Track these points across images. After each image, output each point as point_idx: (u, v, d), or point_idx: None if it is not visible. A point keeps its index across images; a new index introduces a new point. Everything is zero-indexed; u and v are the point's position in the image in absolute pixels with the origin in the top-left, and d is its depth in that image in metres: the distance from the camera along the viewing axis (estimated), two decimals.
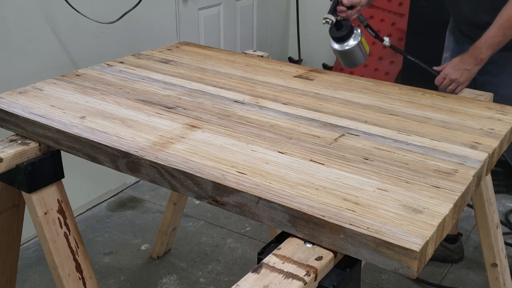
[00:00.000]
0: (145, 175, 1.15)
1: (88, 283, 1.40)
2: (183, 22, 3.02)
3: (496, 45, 1.81)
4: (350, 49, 1.71)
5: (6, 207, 1.47)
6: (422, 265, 0.88)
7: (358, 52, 1.73)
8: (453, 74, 1.86)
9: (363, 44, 1.72)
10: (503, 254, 1.73)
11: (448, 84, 1.89)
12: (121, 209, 2.76)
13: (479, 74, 2.02)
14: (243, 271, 2.22)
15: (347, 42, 1.70)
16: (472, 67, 1.84)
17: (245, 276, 0.88)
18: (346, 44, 1.71)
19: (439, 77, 1.91)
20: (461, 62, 1.86)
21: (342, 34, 1.69)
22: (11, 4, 2.16)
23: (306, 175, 1.07)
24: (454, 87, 1.88)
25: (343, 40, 1.71)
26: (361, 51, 1.74)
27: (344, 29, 1.69)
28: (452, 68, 1.87)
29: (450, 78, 1.87)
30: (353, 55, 1.74)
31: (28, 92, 1.50)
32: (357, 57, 1.75)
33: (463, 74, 1.85)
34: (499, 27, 1.78)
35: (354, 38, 1.70)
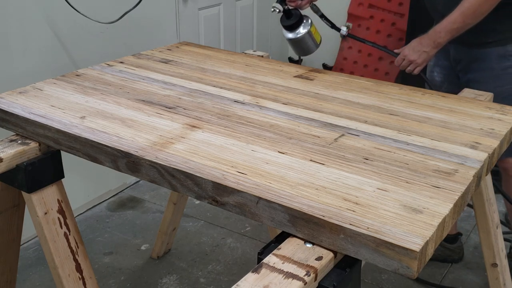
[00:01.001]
0: (145, 175, 1.15)
1: (88, 283, 1.40)
2: (183, 22, 3.02)
3: (455, 31, 1.86)
4: (300, 38, 1.77)
5: (6, 207, 1.47)
6: (422, 265, 0.88)
7: (308, 41, 1.79)
8: (411, 56, 1.93)
9: (312, 34, 1.78)
10: (503, 254, 1.73)
11: (407, 65, 1.96)
12: (121, 209, 2.76)
13: (463, 73, 2.04)
14: (243, 271, 2.22)
15: (297, 30, 1.77)
16: (430, 49, 1.91)
17: (245, 276, 0.88)
18: (296, 32, 1.77)
19: (399, 58, 1.98)
20: (420, 44, 1.93)
21: (290, 23, 1.76)
22: (11, 4, 2.16)
23: (306, 175, 1.07)
24: (412, 68, 1.96)
25: (293, 28, 1.77)
26: (311, 40, 1.79)
27: (293, 18, 1.76)
28: (411, 50, 1.94)
29: (408, 59, 1.94)
30: (303, 44, 1.80)
31: (28, 92, 1.50)
32: (307, 45, 1.81)
33: (421, 56, 1.92)
34: (460, 14, 1.83)
35: (303, 27, 1.76)
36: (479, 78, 1.98)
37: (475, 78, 1.99)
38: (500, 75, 1.96)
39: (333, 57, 3.82)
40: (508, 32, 1.92)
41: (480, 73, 1.98)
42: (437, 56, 2.15)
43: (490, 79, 1.96)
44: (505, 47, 1.93)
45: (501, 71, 1.95)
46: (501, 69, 1.95)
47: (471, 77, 2.00)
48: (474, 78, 2.00)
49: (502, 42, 1.93)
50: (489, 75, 1.96)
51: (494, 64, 1.95)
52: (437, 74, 2.17)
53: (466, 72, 2.03)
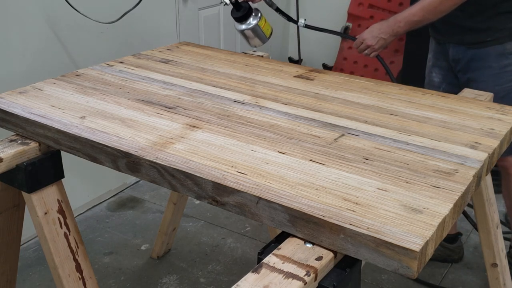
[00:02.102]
0: (145, 175, 1.15)
1: (88, 283, 1.40)
2: (183, 22, 3.02)
3: (413, 24, 1.92)
4: (249, 29, 1.82)
5: (6, 207, 1.47)
6: (422, 265, 0.88)
7: (257, 33, 1.84)
8: (369, 40, 1.99)
9: (261, 26, 1.83)
10: (503, 254, 1.73)
11: (364, 49, 2.02)
12: (121, 209, 2.76)
13: (462, 72, 2.04)
14: (243, 271, 2.22)
15: (247, 22, 1.81)
16: (388, 37, 1.97)
17: (245, 276, 0.88)
18: (245, 24, 1.81)
19: (357, 41, 2.03)
20: (379, 30, 1.98)
21: (239, 15, 1.80)
22: (11, 4, 2.16)
23: (306, 175, 1.07)
24: (369, 52, 2.02)
25: (242, 20, 1.81)
26: (261, 32, 1.84)
27: (242, 11, 1.80)
28: (370, 34, 1.99)
29: (366, 43, 2.00)
30: (252, 35, 1.84)
31: (28, 92, 1.50)
32: (257, 37, 1.85)
33: (379, 42, 1.98)
34: (421, 8, 1.88)
35: (252, 19, 1.81)
36: (478, 77, 1.98)
37: (474, 78, 1.99)
38: (499, 73, 1.96)
39: (333, 57, 3.82)
40: (506, 30, 1.92)
41: (479, 72, 1.99)
42: (436, 57, 2.16)
43: (489, 78, 1.97)
44: (504, 45, 1.93)
45: (499, 69, 1.96)
46: (500, 68, 1.95)
47: (471, 77, 2.01)
48: (473, 77, 2.00)
49: (501, 40, 1.93)
50: (488, 73, 1.97)
51: (493, 62, 1.96)
52: (436, 75, 2.17)
53: (465, 71, 2.03)
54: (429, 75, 2.20)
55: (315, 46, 3.95)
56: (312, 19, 4.00)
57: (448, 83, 2.12)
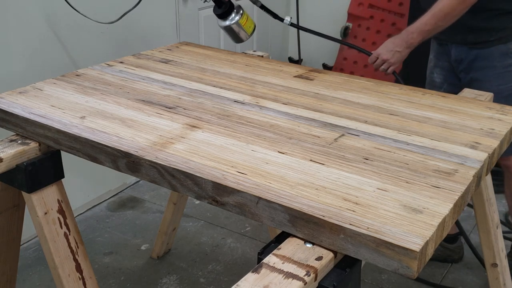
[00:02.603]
0: (145, 175, 1.15)
1: (88, 283, 1.40)
2: (183, 22, 3.02)
3: (426, 33, 1.89)
4: (231, 26, 1.82)
5: (6, 207, 1.47)
6: (422, 265, 0.88)
7: (238, 29, 1.84)
8: (385, 55, 1.96)
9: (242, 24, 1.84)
10: (503, 254, 1.73)
11: (381, 64, 1.99)
12: (121, 209, 2.76)
13: (465, 72, 2.04)
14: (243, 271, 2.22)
15: (228, 19, 1.82)
16: (403, 49, 1.94)
17: (245, 276, 0.88)
18: (227, 21, 1.82)
19: (372, 57, 2.01)
20: (393, 44, 1.95)
21: (220, 11, 1.81)
22: (11, 4, 2.16)
23: (306, 175, 1.07)
24: (386, 67, 1.99)
25: (224, 17, 1.82)
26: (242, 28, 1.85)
27: (223, 7, 1.81)
28: (385, 49, 1.96)
29: (382, 58, 1.97)
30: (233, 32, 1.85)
31: (28, 92, 1.50)
32: (238, 33, 1.86)
33: (394, 56, 1.95)
34: (432, 16, 1.86)
35: (234, 15, 1.81)
36: (481, 77, 1.98)
37: (477, 77, 1.99)
38: (502, 73, 1.96)
39: (333, 57, 3.81)
40: (510, 30, 1.92)
41: (483, 72, 1.98)
42: (437, 57, 2.16)
43: (493, 78, 1.96)
44: (507, 44, 1.93)
45: (503, 69, 1.95)
46: (503, 67, 1.95)
47: (474, 76, 2.01)
48: (476, 77, 2.00)
49: (504, 40, 1.93)
50: (491, 73, 1.97)
51: (496, 62, 1.96)
52: (437, 75, 2.17)
53: (468, 71, 2.03)
54: (430, 76, 2.20)
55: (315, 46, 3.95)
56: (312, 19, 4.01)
57: (450, 84, 2.12)
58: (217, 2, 1.80)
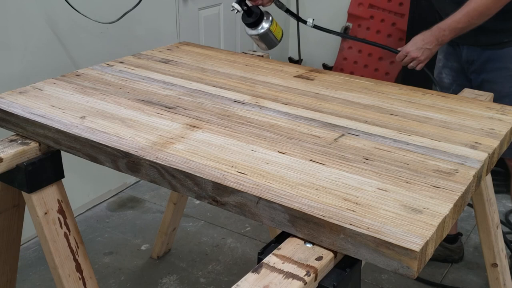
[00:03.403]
0: (145, 175, 1.15)
1: (88, 283, 1.40)
2: (183, 22, 3.02)
3: (459, 30, 1.85)
4: (260, 34, 1.83)
5: (6, 207, 1.47)
6: (422, 265, 0.88)
7: (269, 37, 1.86)
8: (414, 52, 1.92)
9: (272, 30, 1.85)
10: (503, 254, 1.73)
11: (409, 62, 1.94)
12: (121, 209, 2.76)
13: (477, 73, 2.02)
14: (243, 271, 2.22)
15: (258, 27, 1.83)
16: (433, 46, 1.90)
17: (245, 276, 0.88)
18: (257, 29, 1.83)
19: (400, 54, 1.96)
20: (423, 41, 1.91)
21: (251, 20, 1.81)
22: (11, 4, 2.16)
23: (306, 175, 1.07)
24: (415, 65, 1.94)
25: (254, 25, 1.83)
26: (272, 35, 1.85)
27: (253, 16, 1.81)
28: (414, 46, 1.92)
29: (411, 56, 1.92)
30: (264, 39, 1.86)
31: (28, 92, 1.50)
32: (268, 41, 1.87)
33: (424, 53, 1.91)
34: (465, 14, 1.82)
35: (264, 23, 1.82)
36: (494, 78, 1.96)
37: (490, 79, 1.97)
38: None
39: (333, 57, 3.82)
40: None
41: (495, 73, 1.96)
42: (447, 57, 2.14)
43: (506, 79, 1.94)
44: None
45: None
46: None
47: (486, 78, 1.98)
48: (488, 78, 1.97)
49: None
50: (504, 75, 1.94)
51: (509, 64, 1.93)
52: (446, 76, 2.14)
53: (480, 72, 2.00)
54: (438, 76, 2.17)
55: (315, 46, 3.95)
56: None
57: (459, 85, 2.09)
58: (247, 10, 1.79)
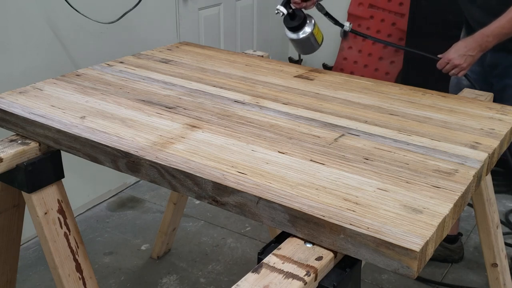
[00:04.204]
0: (145, 175, 1.15)
1: (88, 283, 1.40)
2: (183, 22, 3.02)
3: (503, 36, 1.81)
4: (303, 38, 1.79)
5: (6, 207, 1.47)
6: (422, 265, 0.88)
7: (311, 41, 1.81)
8: (456, 60, 1.87)
9: (315, 34, 1.81)
10: (503, 254, 1.73)
11: (451, 69, 1.90)
12: (121, 209, 2.76)
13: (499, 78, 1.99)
14: (243, 271, 2.21)
15: (301, 31, 1.78)
16: (476, 53, 1.85)
17: (245, 276, 0.88)
18: (299, 33, 1.79)
19: (442, 62, 1.91)
20: (466, 48, 1.86)
21: (294, 24, 1.77)
22: (11, 4, 2.16)
23: (306, 175, 1.07)
24: (457, 72, 1.89)
25: (297, 29, 1.79)
26: (314, 39, 1.81)
27: (297, 20, 1.77)
28: (456, 53, 1.87)
29: (454, 63, 1.88)
30: (306, 44, 1.82)
31: (28, 92, 1.50)
32: (310, 45, 1.83)
33: (467, 60, 1.86)
34: (509, 19, 1.78)
35: (307, 28, 1.78)
36: None
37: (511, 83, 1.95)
38: None
39: (333, 57, 3.82)
40: None
41: None
42: None
43: None
44: None
45: None
46: None
47: (509, 83, 1.96)
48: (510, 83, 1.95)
49: None
50: None
51: None
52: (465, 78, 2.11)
53: (502, 77, 1.98)
54: (457, 78, 2.12)
55: None
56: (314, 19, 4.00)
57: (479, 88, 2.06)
58: (291, 14, 1.75)
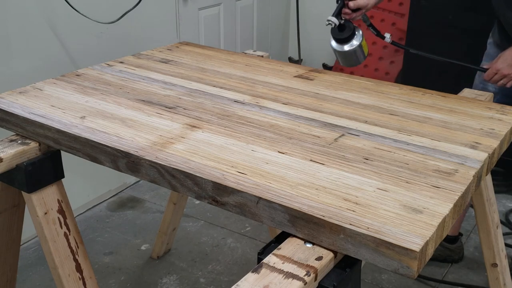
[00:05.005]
0: (145, 175, 1.15)
1: (88, 283, 1.40)
2: (183, 22, 3.02)
3: None
4: (351, 50, 1.74)
5: (6, 207, 1.47)
6: (422, 265, 0.88)
7: (359, 53, 1.76)
8: (505, 69, 1.85)
9: (362, 46, 1.75)
10: (503, 254, 1.73)
11: (499, 79, 1.87)
12: (121, 209, 2.76)
13: None
14: (243, 271, 2.22)
15: (349, 43, 1.73)
16: None
17: (245, 276, 0.88)
18: (348, 45, 1.73)
19: (490, 72, 1.89)
20: None
21: (344, 36, 1.72)
22: (11, 4, 2.16)
23: (306, 175, 1.07)
24: (505, 82, 1.87)
25: (345, 41, 1.73)
26: (361, 52, 1.76)
27: (346, 31, 1.71)
28: (505, 63, 1.85)
29: (502, 73, 1.85)
30: (353, 56, 1.77)
31: (28, 92, 1.50)
32: (357, 57, 1.77)
33: None
34: None
35: (355, 40, 1.73)
36: None
37: None
38: None
39: (333, 57, 3.82)
40: None
41: None
42: None
43: None
44: None
45: None
46: None
47: None
48: None
49: None
50: None
51: None
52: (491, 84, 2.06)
53: None
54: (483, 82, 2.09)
55: (315, 46, 3.95)
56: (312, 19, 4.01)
57: (504, 95, 2.03)
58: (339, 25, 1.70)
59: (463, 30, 2.94)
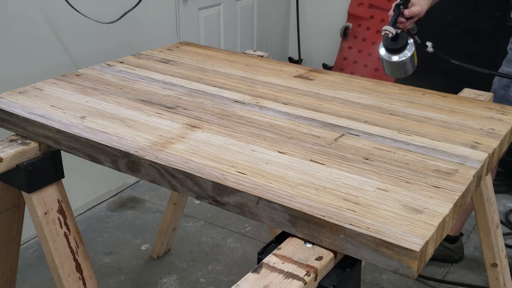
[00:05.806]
0: (145, 175, 1.15)
1: (88, 283, 1.40)
2: (183, 22, 3.02)
3: None
4: (404, 61, 1.67)
5: (6, 207, 1.47)
6: (422, 265, 0.88)
7: (409, 64, 1.69)
8: None
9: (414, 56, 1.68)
10: (503, 254, 1.73)
11: None
12: (121, 209, 2.76)
13: None
14: (243, 271, 2.22)
15: (402, 53, 1.66)
16: None
17: (245, 276, 0.88)
18: (400, 55, 1.66)
19: None
20: None
21: (397, 46, 1.65)
22: (11, 4, 2.16)
23: (306, 175, 1.07)
24: None
25: (398, 51, 1.66)
26: (412, 63, 1.69)
27: (400, 41, 1.64)
28: None
29: None
30: (403, 67, 1.69)
31: (28, 92, 1.50)
32: (405, 69, 1.70)
33: None
34: None
35: (408, 50, 1.66)
36: None
37: None
38: None
39: (333, 57, 3.82)
40: None
41: None
42: None
43: None
44: None
45: None
46: None
47: None
48: None
49: None
50: None
51: None
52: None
53: None
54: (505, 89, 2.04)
55: (315, 46, 3.95)
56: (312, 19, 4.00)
57: None
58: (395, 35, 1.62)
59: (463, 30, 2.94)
